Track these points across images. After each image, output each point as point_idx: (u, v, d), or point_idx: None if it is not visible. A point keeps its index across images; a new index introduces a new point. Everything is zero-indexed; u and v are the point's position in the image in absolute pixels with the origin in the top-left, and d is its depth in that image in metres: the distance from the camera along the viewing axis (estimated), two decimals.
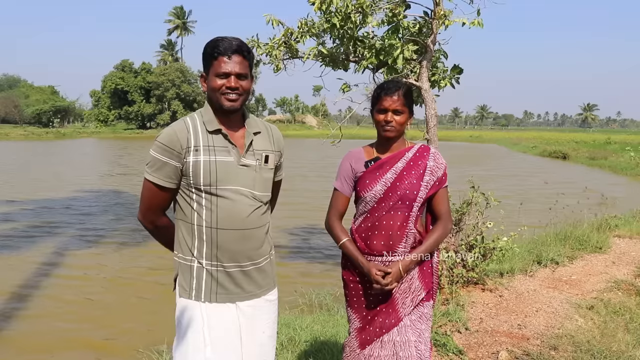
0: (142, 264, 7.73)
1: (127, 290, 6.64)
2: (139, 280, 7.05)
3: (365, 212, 2.26)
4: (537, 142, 48.43)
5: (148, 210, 1.94)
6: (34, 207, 12.16)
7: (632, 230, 8.01)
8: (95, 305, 6.12)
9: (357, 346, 2.28)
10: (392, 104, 2.17)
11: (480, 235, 4.80)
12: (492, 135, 78.31)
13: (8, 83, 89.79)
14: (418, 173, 2.21)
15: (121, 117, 73.93)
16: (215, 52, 1.83)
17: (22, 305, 6.00)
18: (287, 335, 3.86)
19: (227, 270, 1.89)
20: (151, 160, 1.86)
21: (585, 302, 4.70)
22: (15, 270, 7.25)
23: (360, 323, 2.30)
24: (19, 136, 53.05)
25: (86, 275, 7.25)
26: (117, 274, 7.31)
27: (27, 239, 9.06)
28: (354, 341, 2.30)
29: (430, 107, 4.56)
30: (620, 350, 3.57)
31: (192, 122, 1.89)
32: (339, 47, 4.89)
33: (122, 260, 7.96)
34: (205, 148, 1.85)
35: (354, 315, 2.32)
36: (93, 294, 6.49)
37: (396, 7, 4.50)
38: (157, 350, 4.03)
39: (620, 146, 34.76)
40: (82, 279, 7.08)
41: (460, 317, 4.13)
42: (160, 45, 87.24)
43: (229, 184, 1.85)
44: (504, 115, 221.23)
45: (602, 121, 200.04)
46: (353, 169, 2.28)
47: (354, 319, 2.33)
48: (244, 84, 1.87)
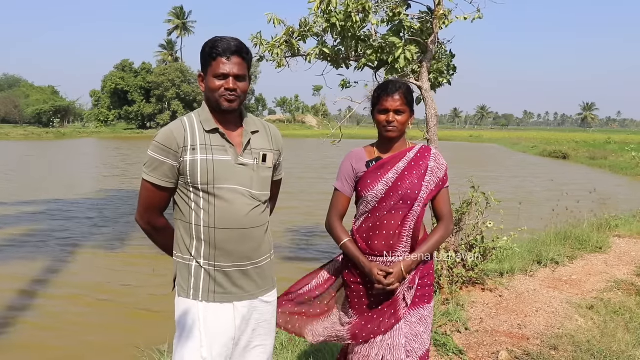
0: (142, 263, 7.73)
1: (127, 290, 6.64)
2: (139, 280, 7.06)
3: (366, 212, 2.25)
4: (537, 142, 48.47)
5: (146, 210, 1.94)
6: (33, 208, 12.16)
7: (632, 230, 8.01)
8: (95, 305, 6.12)
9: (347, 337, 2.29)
10: (394, 104, 2.17)
11: (480, 235, 4.80)
12: (492, 135, 78.32)
13: (8, 83, 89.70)
14: (419, 173, 2.21)
15: (121, 117, 73.89)
16: (213, 52, 1.82)
17: (23, 306, 6.00)
18: (287, 335, 3.86)
19: (225, 270, 1.89)
20: (149, 160, 1.86)
21: (585, 302, 4.70)
22: (16, 271, 7.26)
23: (358, 319, 2.29)
24: (19, 136, 53.03)
25: (86, 275, 7.25)
26: (117, 273, 7.31)
27: (22, 242, 9.06)
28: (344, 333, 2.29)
29: (430, 107, 4.57)
30: (621, 350, 3.57)
31: (189, 121, 1.89)
32: (340, 45, 4.89)
33: (122, 259, 7.97)
34: (203, 147, 1.84)
35: (352, 312, 2.31)
36: (93, 293, 6.49)
37: (397, 6, 4.50)
38: (158, 349, 4.04)
39: (620, 146, 34.74)
40: (82, 279, 7.08)
41: (460, 317, 4.13)
42: (159, 45, 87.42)
43: (226, 182, 1.85)
44: (504, 115, 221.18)
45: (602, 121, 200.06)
46: (354, 169, 2.28)
47: (353, 314, 2.31)
48: (242, 86, 1.87)
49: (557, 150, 35.54)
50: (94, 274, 7.31)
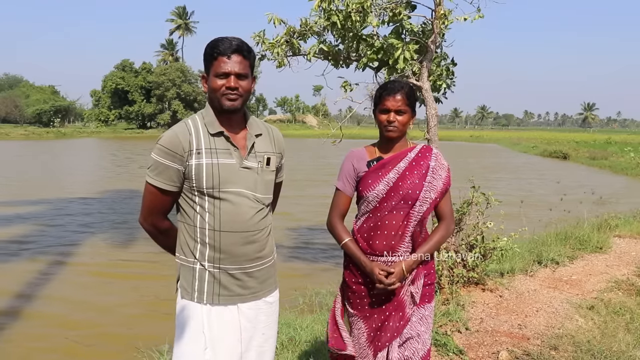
0: (143, 263, 7.72)
1: (127, 290, 6.64)
2: (139, 280, 7.06)
3: (367, 212, 2.25)
4: (537, 142, 48.43)
5: (150, 213, 1.93)
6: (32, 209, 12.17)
7: (633, 230, 8.01)
8: (95, 305, 6.12)
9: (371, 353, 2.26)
10: (395, 104, 2.17)
11: (481, 235, 4.80)
12: (493, 135, 78.28)
13: (9, 83, 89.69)
14: (420, 173, 2.21)
15: (121, 116, 73.90)
16: (215, 52, 1.82)
17: (23, 306, 6.00)
18: (287, 335, 3.86)
19: (229, 272, 1.89)
20: (153, 163, 1.85)
21: (585, 302, 4.70)
22: (15, 270, 7.26)
23: (365, 325, 2.28)
24: (20, 136, 53.03)
25: (86, 275, 7.25)
26: (117, 273, 7.31)
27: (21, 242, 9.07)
28: (366, 349, 2.27)
29: (430, 107, 4.56)
30: (621, 351, 3.57)
31: (193, 124, 1.88)
32: (340, 45, 4.89)
33: (122, 258, 7.96)
34: (208, 151, 1.83)
35: (356, 317, 2.31)
36: (93, 293, 6.49)
37: (397, 6, 4.50)
38: (158, 349, 4.04)
39: (620, 146, 34.73)
40: (81, 279, 7.08)
41: (461, 317, 4.13)
42: (160, 45, 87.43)
43: (231, 186, 1.85)
44: (504, 115, 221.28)
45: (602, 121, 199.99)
46: (355, 168, 2.28)
47: (357, 320, 2.31)
48: (244, 84, 1.86)
49: (558, 150, 35.51)
50: (94, 274, 7.30)
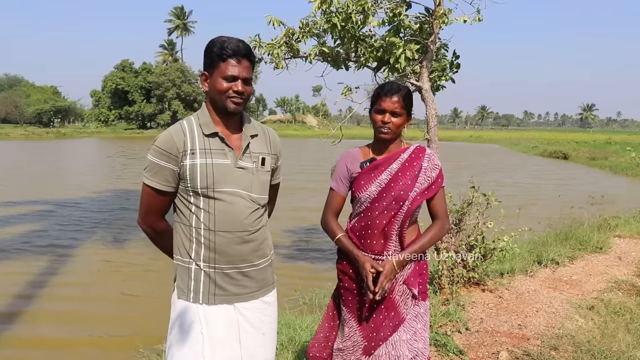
0: (141, 263, 7.73)
1: (126, 290, 6.64)
2: (139, 280, 7.06)
3: (360, 212, 2.26)
4: (537, 142, 48.44)
5: (147, 214, 1.95)
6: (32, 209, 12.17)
7: (632, 231, 8.01)
8: (95, 305, 6.12)
9: (360, 353, 2.26)
10: (391, 105, 2.16)
11: (481, 235, 4.80)
12: (493, 135, 78.33)
13: (9, 82, 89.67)
14: (413, 174, 2.21)
15: (121, 117, 73.95)
16: (224, 53, 1.81)
17: (23, 306, 6.00)
18: (287, 335, 3.86)
19: (225, 272, 1.89)
20: (149, 164, 1.86)
21: (585, 303, 4.69)
22: (15, 270, 7.26)
23: (357, 323, 2.28)
24: (20, 136, 53.01)
25: (85, 275, 7.25)
26: (117, 273, 7.31)
27: (21, 241, 9.07)
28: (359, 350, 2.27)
29: (430, 107, 4.56)
30: (621, 351, 3.57)
31: (188, 125, 1.88)
32: (340, 46, 4.89)
33: (121, 258, 7.97)
34: (202, 151, 1.84)
35: (349, 315, 2.31)
36: (93, 293, 6.49)
37: (397, 6, 4.50)
38: (157, 350, 4.04)
39: (620, 146, 34.75)
40: (81, 279, 7.08)
41: (461, 317, 4.13)
42: (160, 46, 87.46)
43: (226, 186, 1.85)
44: (504, 116, 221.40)
45: (602, 121, 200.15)
46: (349, 169, 2.29)
47: (349, 318, 2.31)
48: (249, 89, 1.88)
49: (558, 150, 35.51)
50: (93, 274, 7.30)
